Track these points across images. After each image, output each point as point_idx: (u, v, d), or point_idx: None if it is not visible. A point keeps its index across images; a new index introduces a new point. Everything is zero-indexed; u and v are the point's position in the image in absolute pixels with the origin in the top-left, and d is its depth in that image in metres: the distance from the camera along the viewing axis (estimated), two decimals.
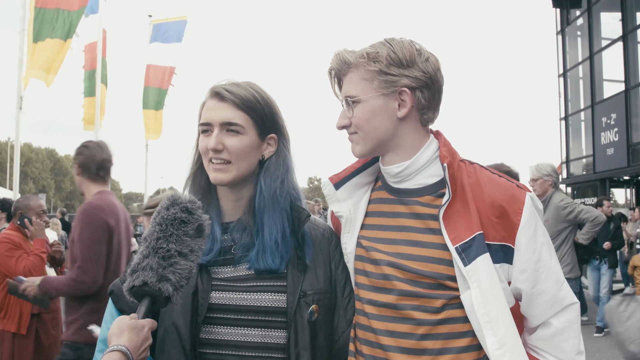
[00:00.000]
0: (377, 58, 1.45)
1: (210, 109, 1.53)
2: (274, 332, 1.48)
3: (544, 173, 5.41)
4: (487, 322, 1.37)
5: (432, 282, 1.42)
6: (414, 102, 1.47)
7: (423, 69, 1.46)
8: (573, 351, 1.46)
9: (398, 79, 1.45)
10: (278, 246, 1.51)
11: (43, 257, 4.33)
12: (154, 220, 1.34)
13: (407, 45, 1.47)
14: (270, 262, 1.49)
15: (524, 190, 1.46)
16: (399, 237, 1.49)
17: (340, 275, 1.61)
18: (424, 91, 1.47)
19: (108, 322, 1.53)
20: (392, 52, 1.45)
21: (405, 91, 1.46)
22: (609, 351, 6.71)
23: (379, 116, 1.48)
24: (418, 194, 1.51)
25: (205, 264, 1.50)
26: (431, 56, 1.49)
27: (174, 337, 1.46)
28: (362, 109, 1.48)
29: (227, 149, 1.50)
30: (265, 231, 1.52)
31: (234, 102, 1.51)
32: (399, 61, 1.44)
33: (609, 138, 13.41)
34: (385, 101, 1.47)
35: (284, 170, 1.59)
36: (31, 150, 70.11)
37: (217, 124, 1.51)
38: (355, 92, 1.49)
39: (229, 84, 1.56)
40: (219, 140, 1.50)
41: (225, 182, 1.52)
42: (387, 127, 1.49)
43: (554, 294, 1.44)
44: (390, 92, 1.46)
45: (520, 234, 1.41)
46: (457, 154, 1.53)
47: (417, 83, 1.45)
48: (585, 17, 15.21)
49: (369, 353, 1.49)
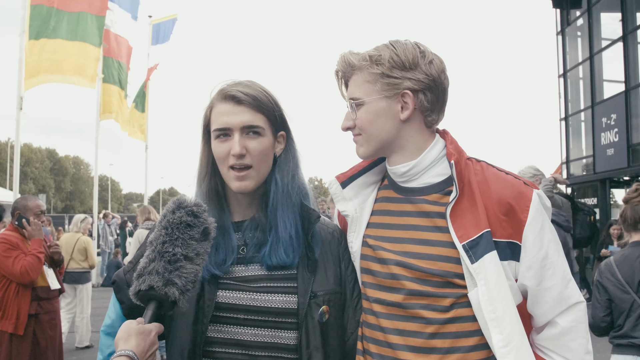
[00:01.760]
0: (380, 61, 1.45)
1: (226, 113, 1.50)
2: (285, 333, 1.48)
3: (528, 177, 5.41)
4: (493, 319, 1.36)
5: (440, 281, 1.42)
6: (416, 104, 1.47)
7: (426, 72, 1.45)
8: (581, 351, 1.45)
9: (400, 82, 1.45)
10: (292, 240, 1.50)
11: (40, 257, 4.33)
12: (160, 224, 1.33)
13: (410, 47, 1.47)
14: (283, 257, 1.48)
15: (531, 188, 1.46)
16: (406, 236, 1.49)
17: (349, 275, 1.60)
18: (426, 93, 1.47)
19: (115, 307, 1.57)
20: (395, 54, 1.45)
21: (408, 94, 1.46)
22: (609, 351, 6.69)
23: (382, 118, 1.48)
24: (425, 193, 1.50)
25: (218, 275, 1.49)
26: (435, 58, 1.49)
27: (177, 337, 1.47)
28: (366, 111, 1.49)
29: (249, 153, 1.49)
30: (279, 226, 1.51)
31: (251, 104, 1.50)
32: (402, 64, 1.44)
33: (609, 138, 13.40)
34: (388, 103, 1.47)
35: (293, 166, 1.60)
36: (31, 151, 70.09)
37: (238, 128, 1.49)
38: (358, 95, 1.50)
39: (240, 85, 1.54)
40: (242, 145, 1.48)
41: (249, 189, 1.51)
42: (390, 129, 1.49)
43: (560, 292, 1.44)
44: (393, 95, 1.46)
45: (527, 230, 1.41)
46: (464, 152, 1.53)
47: (420, 86, 1.45)
48: (585, 17, 15.21)
49: (376, 352, 1.48)
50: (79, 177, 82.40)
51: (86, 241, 7.77)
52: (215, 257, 1.49)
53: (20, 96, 8.58)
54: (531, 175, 5.44)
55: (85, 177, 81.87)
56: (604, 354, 6.90)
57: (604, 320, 3.14)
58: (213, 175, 1.58)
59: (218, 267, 1.48)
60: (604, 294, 3.15)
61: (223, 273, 1.50)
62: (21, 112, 8.62)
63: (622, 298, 3.05)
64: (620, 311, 3.07)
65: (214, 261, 1.48)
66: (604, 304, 3.14)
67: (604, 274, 3.18)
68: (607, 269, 3.18)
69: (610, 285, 3.12)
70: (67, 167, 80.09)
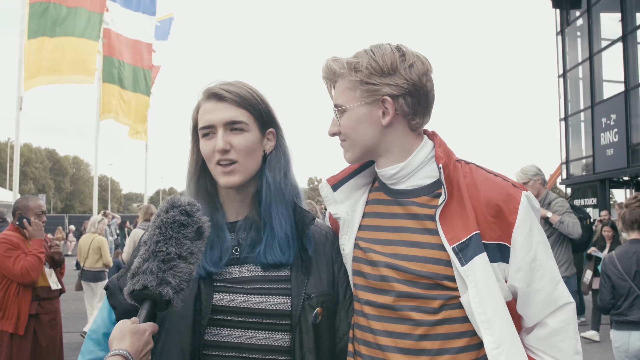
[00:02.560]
0: (358, 68, 1.46)
1: (210, 111, 1.52)
2: (278, 335, 1.48)
3: (531, 174, 5.49)
4: (484, 321, 1.37)
5: (429, 283, 1.42)
6: (397, 109, 1.47)
7: (405, 77, 1.45)
8: (570, 351, 1.46)
9: (379, 88, 1.45)
10: (288, 238, 1.51)
11: (41, 257, 4.33)
12: (153, 223, 1.33)
13: (389, 52, 1.46)
14: (279, 255, 1.49)
15: (519, 189, 1.46)
16: (395, 238, 1.49)
17: (342, 277, 1.61)
18: (406, 98, 1.46)
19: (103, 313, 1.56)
20: (373, 60, 1.45)
21: (387, 99, 1.46)
22: (609, 352, 6.70)
23: (364, 124, 1.49)
24: (414, 195, 1.51)
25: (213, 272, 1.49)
26: (417, 61, 1.48)
27: (176, 340, 1.46)
28: (348, 118, 1.50)
29: (233, 148, 1.50)
30: (274, 224, 1.52)
31: (233, 101, 1.51)
32: (380, 70, 1.44)
33: (609, 139, 13.41)
34: (369, 110, 1.48)
35: (285, 163, 1.60)
36: (31, 151, 70.09)
37: (221, 124, 1.50)
38: (341, 101, 1.51)
39: (224, 84, 1.55)
40: (226, 140, 1.49)
41: (236, 184, 1.52)
42: (372, 134, 1.50)
43: (549, 293, 1.44)
44: (373, 101, 1.47)
45: (516, 232, 1.42)
46: (452, 154, 1.53)
47: (399, 91, 1.45)
48: (585, 17, 15.22)
49: (367, 353, 1.49)
50: (79, 177, 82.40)
51: (100, 241, 8.07)
52: (211, 255, 1.49)
53: (20, 96, 8.58)
54: (534, 173, 5.48)
55: (85, 177, 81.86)
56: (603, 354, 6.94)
57: (610, 302, 3.90)
58: (202, 175, 1.59)
59: (214, 265, 1.48)
60: (608, 282, 3.90)
61: (218, 271, 1.50)
62: (21, 112, 8.63)
63: (621, 285, 3.84)
64: (619, 295, 3.84)
65: (209, 259, 1.48)
66: (609, 290, 3.89)
67: (607, 266, 3.94)
68: (609, 261, 3.94)
69: (612, 275, 3.88)
70: (67, 167, 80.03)
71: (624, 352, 3.78)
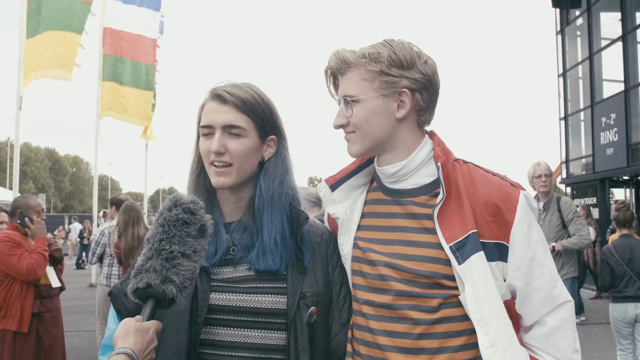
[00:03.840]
0: (379, 58, 1.45)
1: (211, 111, 1.53)
2: (274, 334, 1.49)
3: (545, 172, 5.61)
4: (479, 320, 1.38)
5: (428, 282, 1.43)
6: (412, 103, 1.48)
7: (422, 71, 1.47)
8: (569, 349, 1.46)
9: (398, 80, 1.45)
10: (277, 246, 1.51)
11: (45, 255, 4.35)
12: (157, 221, 1.34)
13: (407, 46, 1.48)
14: (270, 263, 1.49)
15: (517, 189, 1.47)
16: (394, 238, 1.50)
17: (336, 277, 1.61)
18: (422, 93, 1.48)
19: (110, 321, 1.56)
20: (393, 52, 1.45)
21: (405, 92, 1.47)
22: (608, 351, 6.72)
23: (378, 116, 1.48)
24: (413, 194, 1.51)
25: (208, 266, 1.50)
26: (429, 59, 1.51)
27: (172, 338, 1.46)
28: (362, 109, 1.49)
29: (229, 152, 1.50)
30: (264, 231, 1.52)
31: (235, 105, 1.51)
32: (400, 62, 1.45)
33: (609, 138, 13.41)
34: (384, 102, 1.48)
35: (282, 171, 1.60)
36: (30, 150, 70.07)
37: (219, 126, 1.50)
38: (354, 92, 1.49)
39: (229, 86, 1.56)
40: (221, 143, 1.49)
41: (227, 185, 1.52)
42: (385, 127, 1.50)
43: (548, 292, 1.45)
44: (390, 93, 1.47)
45: (514, 231, 1.42)
46: (451, 153, 1.54)
47: (417, 85, 1.47)
48: (584, 17, 15.21)
49: (366, 353, 1.49)
50: (79, 177, 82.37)
51: None
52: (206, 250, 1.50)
53: (19, 96, 8.60)
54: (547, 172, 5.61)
55: (85, 176, 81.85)
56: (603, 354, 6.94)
57: (609, 282, 5.20)
58: (202, 172, 1.60)
59: (207, 260, 1.49)
60: (608, 267, 5.21)
61: (212, 264, 1.51)
62: (21, 111, 8.64)
63: (618, 269, 5.16)
64: (617, 277, 5.15)
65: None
66: (608, 273, 5.19)
67: (606, 254, 5.27)
68: (608, 251, 5.28)
69: (611, 261, 5.21)
70: (67, 167, 79.98)
71: (622, 320, 5.09)
